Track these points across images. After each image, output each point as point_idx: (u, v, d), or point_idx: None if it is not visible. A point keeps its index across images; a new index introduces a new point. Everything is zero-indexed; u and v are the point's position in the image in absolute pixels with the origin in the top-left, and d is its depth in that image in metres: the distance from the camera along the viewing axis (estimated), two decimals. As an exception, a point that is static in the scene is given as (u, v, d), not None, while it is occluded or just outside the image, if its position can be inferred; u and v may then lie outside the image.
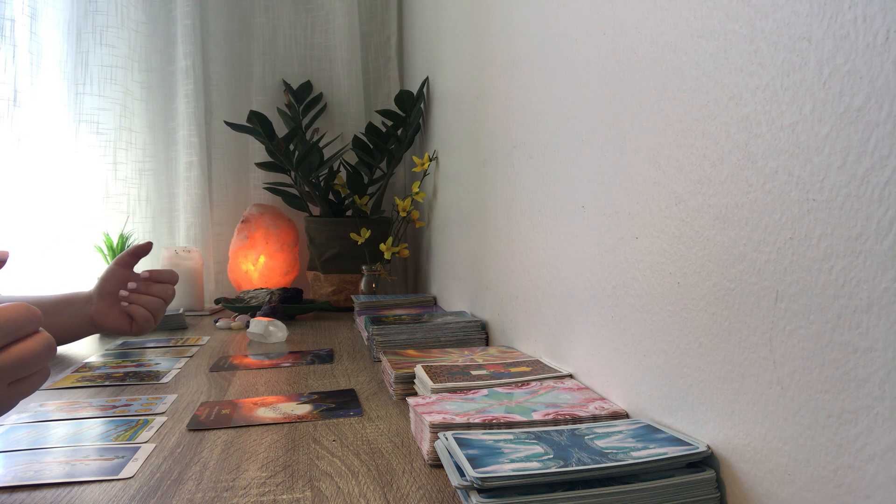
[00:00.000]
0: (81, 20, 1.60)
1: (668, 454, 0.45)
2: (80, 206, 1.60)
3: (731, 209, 0.43)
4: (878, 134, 0.32)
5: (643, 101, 0.54)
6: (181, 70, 1.66)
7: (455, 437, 0.50)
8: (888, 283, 0.32)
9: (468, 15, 1.09)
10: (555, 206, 0.74)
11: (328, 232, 1.52)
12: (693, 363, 0.48)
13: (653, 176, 0.53)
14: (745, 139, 0.42)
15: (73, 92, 1.59)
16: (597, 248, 0.64)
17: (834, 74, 0.35)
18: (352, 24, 1.75)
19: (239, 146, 1.75)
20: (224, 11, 1.72)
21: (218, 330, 1.29)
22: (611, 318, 0.61)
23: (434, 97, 1.40)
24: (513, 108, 0.87)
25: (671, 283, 0.51)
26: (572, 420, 0.56)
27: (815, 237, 0.36)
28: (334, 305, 1.52)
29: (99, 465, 0.56)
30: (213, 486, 0.52)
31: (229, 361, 0.99)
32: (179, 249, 1.49)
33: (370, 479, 0.53)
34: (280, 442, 0.62)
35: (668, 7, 0.50)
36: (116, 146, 1.65)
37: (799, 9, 0.37)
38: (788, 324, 0.38)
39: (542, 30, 0.76)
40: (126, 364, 0.98)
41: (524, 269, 0.84)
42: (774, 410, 0.40)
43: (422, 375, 0.71)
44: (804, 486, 0.37)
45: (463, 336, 0.96)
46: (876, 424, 0.33)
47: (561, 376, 0.70)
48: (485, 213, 1.01)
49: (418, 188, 1.42)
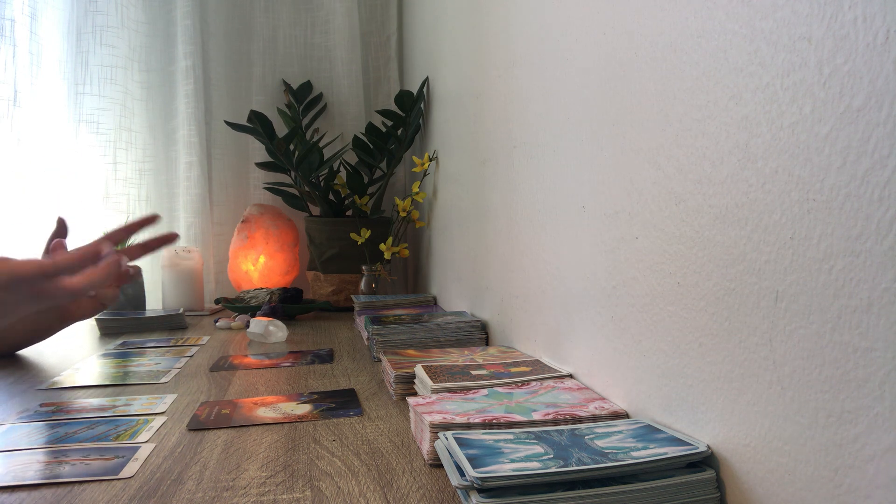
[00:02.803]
0: (81, 20, 1.60)
1: (668, 454, 0.45)
2: (80, 206, 1.60)
3: (731, 209, 0.43)
4: (878, 134, 0.32)
5: (643, 101, 0.54)
6: (181, 70, 1.66)
7: (455, 436, 0.50)
8: (888, 283, 0.32)
9: (468, 15, 1.09)
10: (555, 206, 0.74)
11: (328, 232, 1.52)
12: (693, 363, 0.48)
13: (653, 176, 0.53)
14: (745, 139, 0.42)
15: (73, 92, 1.59)
16: (597, 248, 0.64)
17: (834, 74, 0.35)
18: (352, 24, 1.75)
19: (239, 146, 1.75)
20: (224, 11, 1.72)
21: (218, 330, 1.29)
22: (611, 318, 0.61)
23: (434, 97, 1.40)
24: (513, 108, 0.87)
25: (671, 283, 0.51)
26: (572, 420, 0.56)
27: (815, 237, 0.36)
28: (334, 305, 1.52)
29: (99, 464, 0.56)
30: (213, 486, 0.52)
31: (229, 361, 0.99)
32: (179, 249, 1.49)
33: (370, 479, 0.53)
34: (280, 442, 0.62)
35: (668, 7, 0.50)
36: (116, 146, 1.65)
37: (799, 9, 0.37)
38: (788, 324, 0.38)
39: (542, 30, 0.76)
40: (126, 364, 0.98)
41: (524, 269, 0.84)
42: (774, 410, 0.40)
43: (422, 375, 0.71)
44: (804, 486, 0.37)
45: (463, 336, 0.96)
46: (876, 424, 0.33)
47: (561, 376, 0.70)
48: (485, 213, 1.01)
49: (418, 188, 1.42)
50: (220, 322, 1.31)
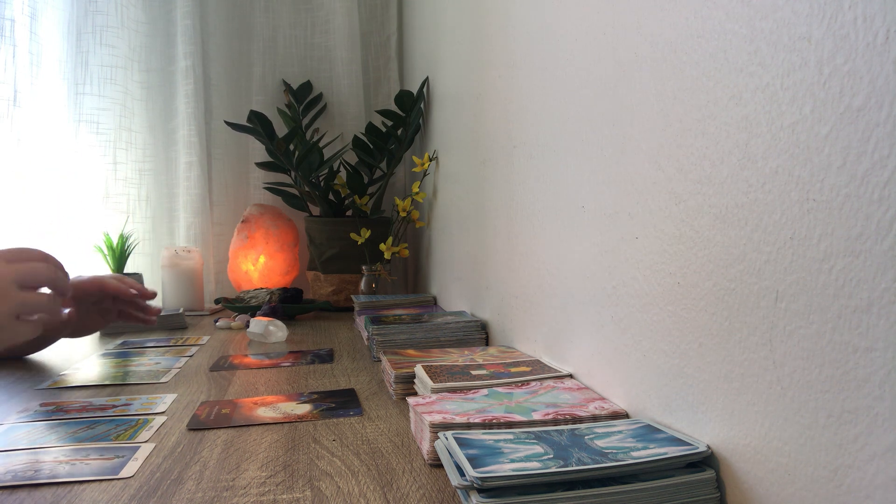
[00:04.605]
0: (81, 20, 1.60)
1: (668, 454, 0.45)
2: (80, 206, 1.60)
3: (731, 209, 0.43)
4: (878, 134, 0.32)
5: (643, 101, 0.54)
6: (181, 70, 1.66)
7: (455, 436, 0.50)
8: (888, 283, 0.32)
9: (468, 15, 1.09)
10: (555, 206, 0.74)
11: (328, 232, 1.52)
12: (693, 363, 0.48)
13: (653, 176, 0.53)
14: (745, 139, 0.42)
15: (73, 92, 1.59)
16: (597, 248, 0.64)
17: (834, 74, 0.35)
18: (352, 24, 1.75)
19: (239, 146, 1.75)
20: (224, 11, 1.72)
21: (218, 330, 1.29)
22: (611, 318, 0.61)
23: (434, 97, 1.40)
24: (513, 109, 0.87)
25: (671, 283, 0.51)
26: (572, 420, 0.56)
27: (815, 237, 0.36)
28: (334, 305, 1.52)
29: (99, 464, 0.56)
30: (212, 486, 0.52)
31: (229, 361, 0.99)
32: (179, 249, 1.49)
33: (370, 479, 0.53)
34: (280, 441, 0.62)
35: (668, 7, 0.50)
36: (116, 146, 1.65)
37: (799, 9, 0.37)
38: (788, 324, 0.38)
39: (542, 30, 0.76)
40: (126, 364, 0.98)
41: (524, 269, 0.84)
42: (774, 410, 0.40)
43: (422, 375, 0.72)
44: (804, 486, 0.37)
45: (463, 336, 0.96)
46: (876, 424, 0.33)
47: (561, 376, 0.70)
48: (485, 213, 1.01)
49: (418, 188, 1.42)
50: (220, 322, 1.31)
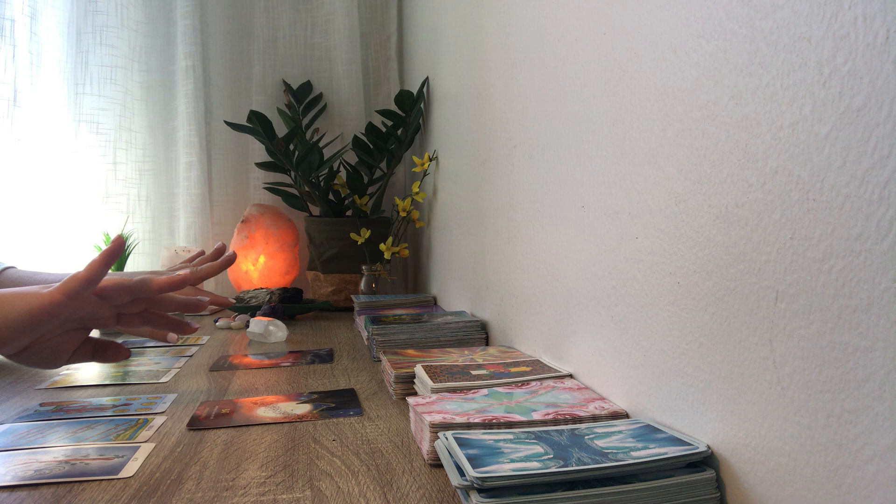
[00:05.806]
0: (81, 20, 1.60)
1: (668, 454, 0.45)
2: (79, 206, 1.60)
3: (731, 209, 0.43)
4: (878, 134, 0.32)
5: (643, 101, 0.54)
6: (181, 70, 1.66)
7: (455, 436, 0.50)
8: (888, 283, 0.32)
9: (468, 15, 1.09)
10: (555, 206, 0.74)
11: (328, 232, 1.52)
12: (693, 363, 0.48)
13: (653, 176, 0.53)
14: (745, 139, 0.42)
15: (73, 92, 1.59)
16: (597, 248, 0.64)
17: (834, 74, 0.35)
18: (352, 24, 1.75)
19: (239, 146, 1.75)
20: (224, 11, 1.72)
21: (218, 330, 1.29)
22: (611, 318, 0.61)
23: (434, 97, 1.40)
24: (512, 108, 0.87)
25: (671, 283, 0.51)
26: (572, 420, 0.56)
27: (815, 237, 0.36)
28: (334, 305, 1.52)
29: (99, 464, 0.56)
30: (212, 486, 0.52)
31: (229, 361, 0.99)
32: (179, 249, 1.49)
33: (370, 479, 0.53)
34: (280, 441, 0.62)
35: (668, 7, 0.50)
36: (116, 146, 1.65)
37: (799, 9, 0.37)
38: (788, 324, 0.38)
39: (541, 30, 0.76)
40: (126, 363, 0.98)
41: (524, 269, 0.84)
42: (774, 410, 0.40)
43: (422, 375, 0.71)
44: (804, 486, 0.37)
45: (463, 336, 0.96)
46: (876, 424, 0.33)
47: (561, 376, 0.70)
48: (485, 213, 1.01)
49: (418, 188, 1.42)
50: (220, 322, 1.31)
